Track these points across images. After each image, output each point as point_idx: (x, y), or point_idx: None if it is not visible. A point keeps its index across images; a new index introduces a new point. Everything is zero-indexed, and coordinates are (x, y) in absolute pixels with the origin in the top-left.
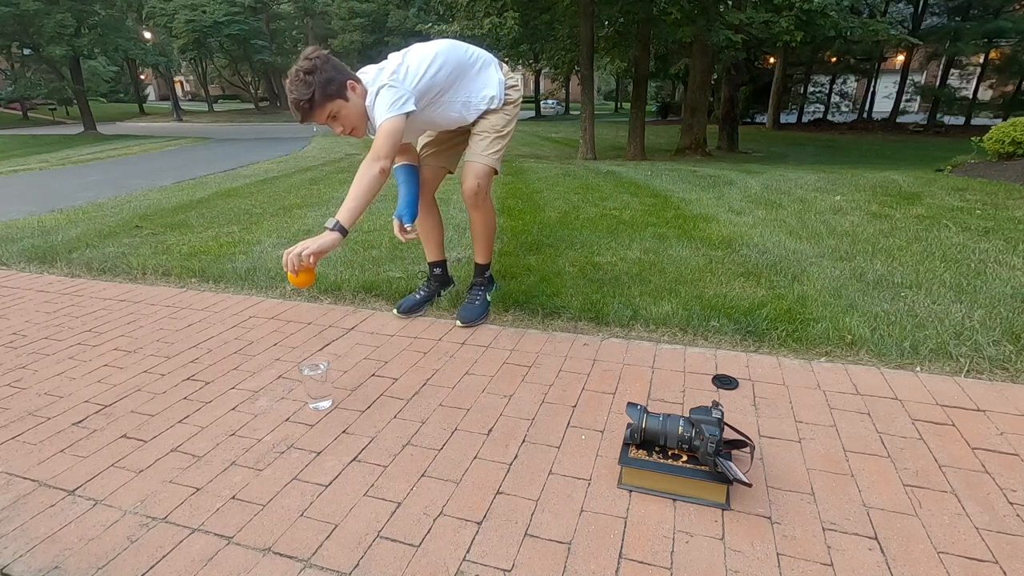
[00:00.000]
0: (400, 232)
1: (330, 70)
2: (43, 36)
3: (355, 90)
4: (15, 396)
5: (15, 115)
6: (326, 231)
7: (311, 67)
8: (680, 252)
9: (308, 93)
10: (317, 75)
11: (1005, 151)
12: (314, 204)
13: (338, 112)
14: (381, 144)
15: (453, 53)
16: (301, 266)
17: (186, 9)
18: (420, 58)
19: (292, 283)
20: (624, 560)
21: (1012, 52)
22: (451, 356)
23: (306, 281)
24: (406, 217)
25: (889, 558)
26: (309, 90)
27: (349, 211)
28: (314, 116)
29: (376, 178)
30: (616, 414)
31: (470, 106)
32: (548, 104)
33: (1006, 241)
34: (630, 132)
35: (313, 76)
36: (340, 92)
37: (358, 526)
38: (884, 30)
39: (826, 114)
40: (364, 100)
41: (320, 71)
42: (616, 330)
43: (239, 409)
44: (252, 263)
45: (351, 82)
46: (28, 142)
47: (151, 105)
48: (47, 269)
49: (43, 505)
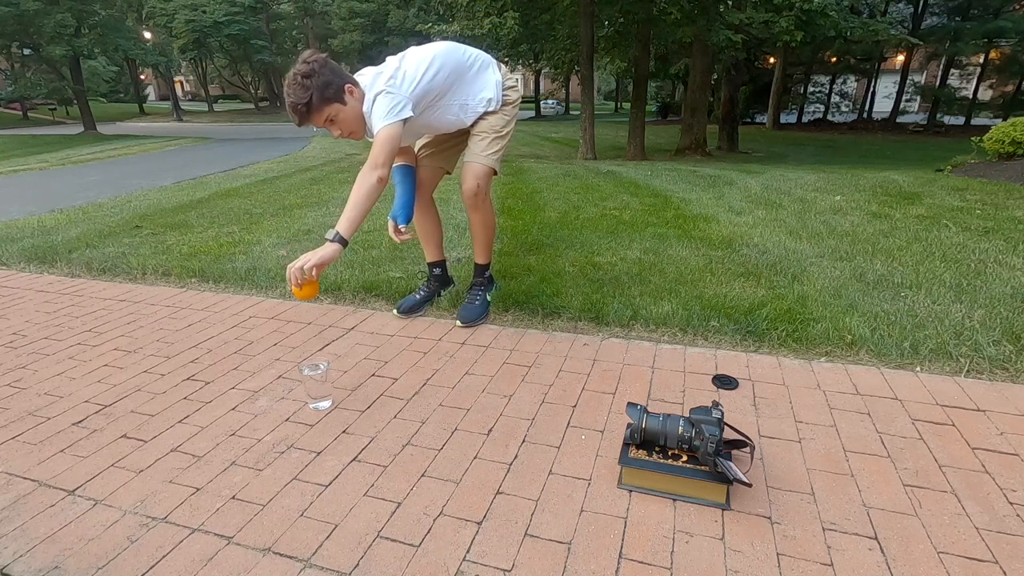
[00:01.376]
0: (395, 233)
1: (328, 74)
2: (43, 36)
3: (353, 94)
4: (15, 396)
5: (15, 115)
6: (327, 243)
7: (308, 71)
8: (680, 252)
9: (305, 97)
10: (315, 79)
11: (1005, 151)
12: (314, 204)
13: (335, 116)
14: (378, 152)
15: (451, 56)
16: (304, 279)
17: (186, 9)
18: (417, 62)
19: (297, 296)
20: (624, 560)
21: (1012, 52)
22: (451, 356)
23: (310, 293)
24: (401, 218)
25: (889, 558)
26: (307, 94)
27: (349, 221)
28: (311, 119)
29: (374, 187)
30: (616, 414)
31: (467, 109)
32: (548, 104)
33: (1006, 241)
34: (630, 132)
35: (311, 80)
36: (337, 96)
37: (358, 526)
38: (884, 30)
39: (826, 114)
40: (362, 104)
41: (318, 75)
42: (616, 330)
43: (239, 409)
44: (252, 263)
45: (349, 86)
46: (28, 142)
47: (151, 105)
48: (47, 269)
49: (43, 505)
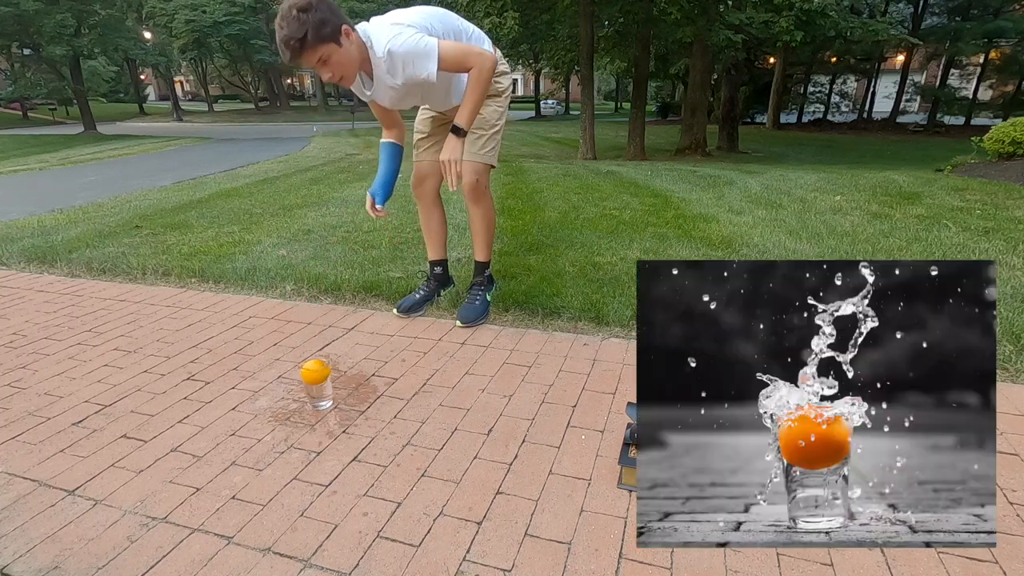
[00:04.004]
0: (371, 208)
1: (325, 11)
2: (43, 36)
3: (349, 36)
4: (15, 396)
5: (15, 115)
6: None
7: (306, 4)
8: (680, 252)
9: (300, 32)
10: (312, 14)
11: (1005, 151)
12: (314, 204)
13: (329, 57)
14: (460, 53)
15: (447, 16)
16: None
17: (186, 9)
18: (417, 14)
19: (306, 378)
20: (624, 560)
21: (1012, 52)
22: (451, 356)
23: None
24: (379, 197)
25: (889, 558)
26: (302, 29)
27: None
28: (303, 58)
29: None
30: (616, 414)
31: (461, 81)
32: (548, 104)
33: (1006, 241)
34: (630, 132)
35: (307, 15)
36: (334, 36)
37: (358, 526)
38: (884, 30)
39: (826, 114)
40: (358, 51)
41: (315, 10)
42: (616, 330)
43: (239, 409)
44: (252, 263)
45: (346, 27)
46: (28, 142)
47: (151, 105)
48: (47, 269)
49: (43, 505)
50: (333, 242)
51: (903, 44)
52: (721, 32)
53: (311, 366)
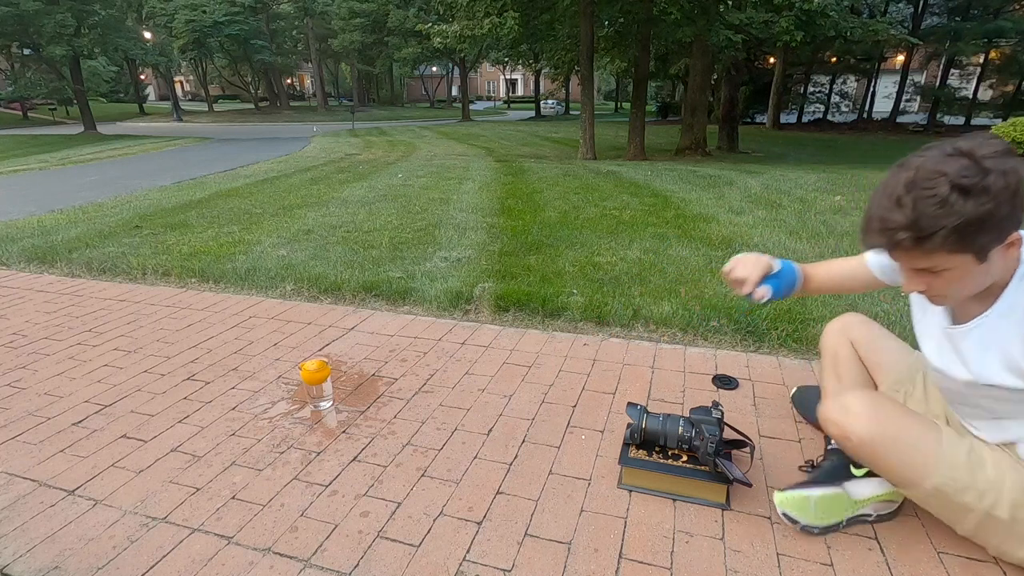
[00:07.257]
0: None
1: (1006, 206)
2: (43, 36)
3: (1010, 250)
4: (15, 396)
5: (15, 115)
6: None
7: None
8: (680, 252)
9: (934, 226)
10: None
11: None
12: (314, 204)
13: (946, 271)
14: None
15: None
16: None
17: (186, 9)
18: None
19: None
20: (624, 560)
21: (1012, 52)
22: (451, 356)
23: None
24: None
25: (889, 558)
26: (940, 222)
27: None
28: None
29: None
30: (616, 414)
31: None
32: (548, 104)
33: None
34: (630, 132)
35: (970, 203)
36: (988, 246)
37: (358, 526)
38: (884, 30)
39: (826, 114)
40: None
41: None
42: (616, 330)
43: (239, 409)
44: (252, 263)
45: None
46: (28, 142)
47: (151, 105)
48: (47, 269)
49: (43, 505)
50: (333, 242)
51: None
52: (721, 32)
53: (311, 366)
